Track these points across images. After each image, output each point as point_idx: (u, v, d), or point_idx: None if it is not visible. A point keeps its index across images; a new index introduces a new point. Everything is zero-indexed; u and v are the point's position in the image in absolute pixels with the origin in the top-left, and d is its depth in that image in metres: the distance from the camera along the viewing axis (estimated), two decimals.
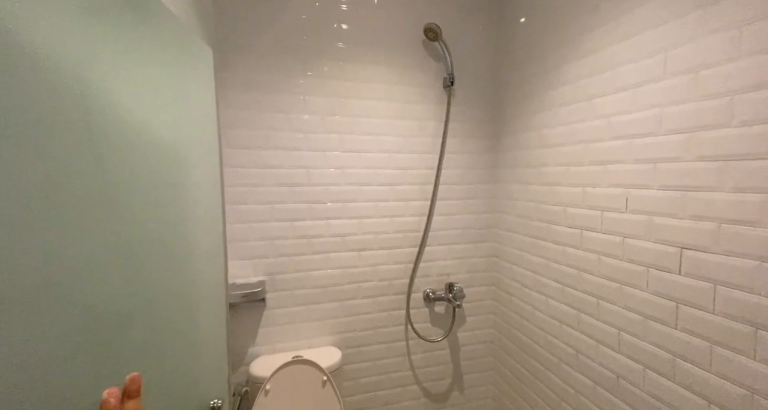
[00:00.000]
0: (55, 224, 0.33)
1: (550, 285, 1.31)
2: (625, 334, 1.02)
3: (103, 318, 0.40)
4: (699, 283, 0.83)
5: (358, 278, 1.49)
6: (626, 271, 1.01)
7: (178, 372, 0.55)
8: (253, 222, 1.34)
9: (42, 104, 0.31)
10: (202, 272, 0.64)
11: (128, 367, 0.44)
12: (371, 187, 1.48)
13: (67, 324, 0.34)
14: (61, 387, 0.33)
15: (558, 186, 1.27)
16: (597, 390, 1.12)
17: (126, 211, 0.44)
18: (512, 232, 1.54)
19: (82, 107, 0.37)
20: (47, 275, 0.32)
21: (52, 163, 0.32)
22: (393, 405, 1.55)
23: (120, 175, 0.43)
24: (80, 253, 0.36)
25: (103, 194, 0.40)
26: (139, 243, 0.47)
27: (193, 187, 0.57)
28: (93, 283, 0.38)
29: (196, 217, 0.58)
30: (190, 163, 0.56)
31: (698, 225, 0.83)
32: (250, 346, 1.36)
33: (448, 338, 1.63)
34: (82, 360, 0.36)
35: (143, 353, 0.47)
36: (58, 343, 0.33)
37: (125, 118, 0.43)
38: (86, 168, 0.37)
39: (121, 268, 0.43)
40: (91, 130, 0.37)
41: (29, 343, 0.29)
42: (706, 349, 0.82)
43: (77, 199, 0.36)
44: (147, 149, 0.48)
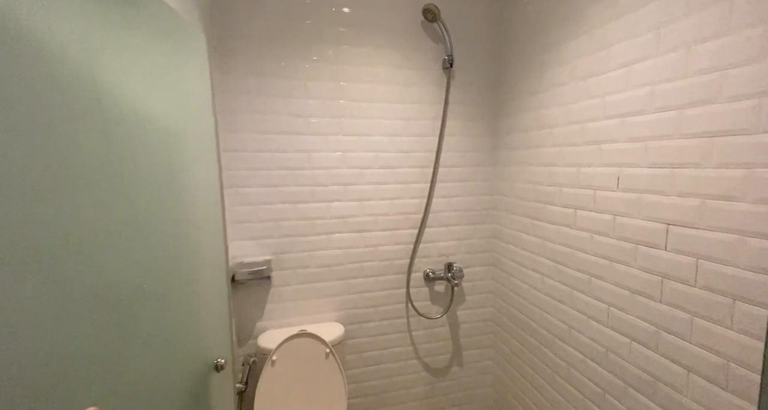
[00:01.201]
0: (77, 196, 0.38)
1: (545, 264, 1.34)
2: (614, 309, 1.05)
3: (120, 288, 0.45)
4: (683, 258, 0.85)
5: (359, 258, 1.55)
6: (616, 249, 1.03)
7: (186, 336, 0.62)
8: (258, 204, 1.41)
9: (60, 91, 0.35)
10: (203, 246, 0.70)
11: (142, 331, 0.50)
12: (371, 170, 1.51)
13: (89, 290, 0.40)
14: (82, 347, 0.38)
15: (554, 166, 1.28)
16: (587, 363, 1.16)
17: (135, 187, 0.50)
18: (510, 213, 1.56)
19: (93, 92, 0.41)
20: (70, 243, 0.37)
21: (68, 141, 0.37)
22: (395, 378, 1.63)
23: (127, 153, 0.48)
24: (95, 223, 0.41)
25: (114, 171, 0.45)
26: (148, 218, 0.53)
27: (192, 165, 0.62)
28: (110, 254, 0.43)
29: (195, 193, 0.63)
30: (188, 144, 0.61)
31: (684, 202, 0.84)
32: (258, 321, 1.45)
33: (448, 316, 1.69)
34: (100, 323, 0.42)
35: (155, 318, 0.53)
36: (81, 305, 0.38)
37: (130, 102, 0.48)
38: (97, 147, 0.42)
39: (134, 241, 0.49)
40: (103, 109, 0.42)
41: (56, 304, 0.34)
42: (688, 321, 0.84)
43: (91, 174, 0.41)
44: (150, 130, 0.53)
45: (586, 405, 1.17)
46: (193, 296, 0.61)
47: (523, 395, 1.52)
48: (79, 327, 0.38)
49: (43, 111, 0.33)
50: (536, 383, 1.42)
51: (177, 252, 0.57)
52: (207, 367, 0.66)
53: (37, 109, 0.33)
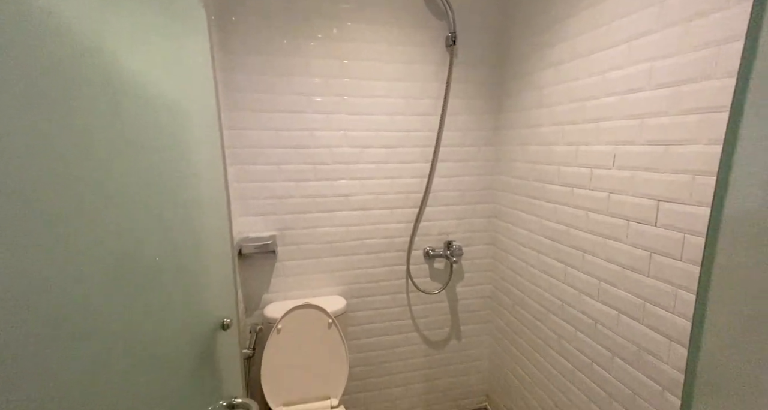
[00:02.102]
0: (94, 170, 0.41)
1: (542, 242, 1.38)
2: (605, 284, 1.09)
3: (135, 260, 0.49)
4: (672, 233, 0.87)
5: (360, 235, 1.60)
6: (610, 225, 1.06)
7: (195, 299, 0.67)
8: (263, 181, 1.45)
9: (68, 64, 0.38)
10: (209, 216, 0.74)
11: (156, 298, 0.54)
12: (373, 149, 1.54)
13: (108, 261, 0.43)
14: (98, 314, 0.41)
15: (554, 145, 1.29)
16: (577, 335, 1.21)
17: (146, 163, 0.53)
18: (510, 193, 1.58)
19: (101, 66, 0.44)
20: (83, 215, 0.40)
21: (78, 113, 0.40)
22: (395, 349, 1.71)
23: (135, 128, 0.51)
24: (110, 198, 0.44)
25: (125, 147, 0.48)
26: (159, 192, 0.56)
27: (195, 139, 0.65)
28: (124, 227, 0.46)
29: (200, 164, 0.67)
30: (191, 119, 0.64)
31: (676, 179, 0.86)
32: (264, 293, 1.52)
33: (447, 292, 1.75)
34: (119, 292, 0.45)
35: (168, 285, 0.57)
36: (102, 275, 0.42)
37: (135, 75, 0.51)
38: (108, 122, 0.45)
39: (146, 213, 0.52)
40: (110, 83, 0.45)
41: (73, 279, 0.37)
42: (672, 293, 0.88)
43: (104, 149, 0.43)
44: (155, 105, 0.56)
45: (576, 375, 1.23)
46: (201, 263, 0.66)
47: (517, 366, 1.59)
48: (101, 295, 0.42)
49: (53, 83, 0.36)
50: (529, 355, 1.49)
51: (185, 224, 0.62)
52: (215, 326, 0.72)
53: (58, 80, 0.36)
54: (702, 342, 0.70)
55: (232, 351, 0.79)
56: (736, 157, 0.61)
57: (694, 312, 0.72)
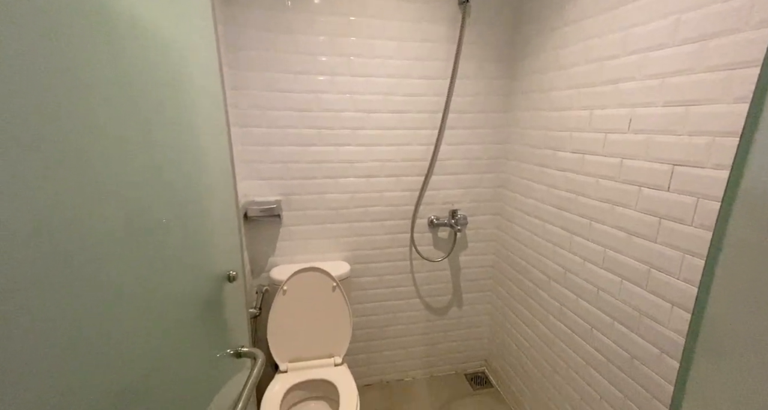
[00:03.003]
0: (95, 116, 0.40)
1: (549, 211, 1.36)
2: (610, 251, 1.08)
3: (145, 221, 0.49)
4: (684, 198, 0.85)
5: (365, 203, 1.59)
6: (620, 192, 1.03)
7: (203, 253, 0.68)
8: (268, 145, 1.43)
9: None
10: (213, 174, 0.74)
11: (166, 256, 0.55)
12: (379, 114, 1.50)
13: (119, 222, 0.43)
14: (112, 267, 0.42)
15: (567, 110, 1.24)
16: (579, 302, 1.22)
17: (148, 114, 0.51)
18: (519, 161, 1.55)
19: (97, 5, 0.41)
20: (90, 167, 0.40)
21: (76, 49, 0.38)
22: (397, 314, 1.76)
23: (135, 70, 0.49)
24: (113, 154, 0.43)
25: (126, 92, 0.46)
26: (164, 150, 0.54)
27: (195, 89, 0.63)
28: (130, 189, 0.46)
29: (200, 119, 0.65)
30: (190, 68, 0.62)
31: (694, 141, 0.82)
32: (270, 256, 1.55)
33: (450, 261, 1.76)
34: (132, 253, 0.46)
35: (176, 243, 0.58)
36: (116, 238, 0.43)
37: (133, 14, 0.48)
38: (106, 59, 0.43)
39: (152, 175, 0.51)
40: (106, 14, 0.43)
41: (78, 239, 0.37)
42: (679, 259, 0.87)
43: (96, 87, 0.42)
44: (154, 45, 0.53)
45: (574, 339, 1.25)
46: (207, 219, 0.67)
47: (516, 332, 1.62)
48: (115, 256, 0.43)
49: (47, 19, 0.34)
50: (529, 321, 1.51)
51: (190, 183, 0.61)
52: (221, 278, 0.73)
53: (42, 18, 0.33)
54: (707, 304, 0.70)
55: (238, 303, 0.81)
56: (765, 115, 0.58)
57: (703, 275, 0.72)
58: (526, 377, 1.55)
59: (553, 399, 1.38)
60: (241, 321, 0.83)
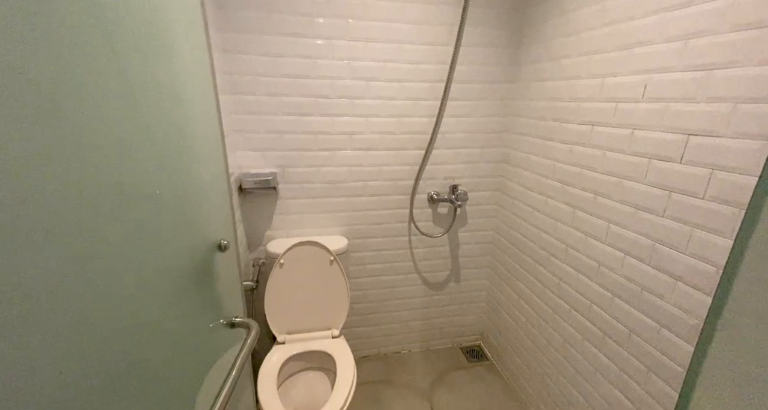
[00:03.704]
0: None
1: (552, 186, 1.32)
2: (614, 226, 1.05)
3: (138, 194, 0.47)
4: (697, 170, 0.81)
5: (364, 177, 1.55)
6: (629, 165, 0.99)
7: (193, 222, 0.64)
8: (262, 114, 1.37)
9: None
10: (201, 142, 0.69)
11: (160, 226, 0.53)
12: (379, 82, 1.42)
13: (112, 196, 0.41)
14: (102, 236, 0.40)
15: (577, 79, 1.18)
16: (579, 278, 1.21)
17: (137, 87, 0.47)
18: (523, 135, 1.49)
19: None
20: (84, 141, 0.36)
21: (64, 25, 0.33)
22: (394, 288, 1.76)
23: (122, 45, 0.44)
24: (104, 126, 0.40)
25: (115, 65, 0.43)
26: (151, 123, 0.51)
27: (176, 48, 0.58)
28: (123, 161, 0.44)
29: (183, 77, 0.60)
30: (171, 23, 0.56)
31: (713, 108, 0.77)
32: (267, 230, 1.52)
33: (449, 237, 1.74)
34: (127, 225, 0.44)
35: (168, 214, 0.55)
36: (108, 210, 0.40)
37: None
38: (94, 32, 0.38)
39: (142, 147, 0.48)
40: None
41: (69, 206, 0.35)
42: (687, 233, 0.84)
43: (84, 52, 0.37)
44: (137, 15, 0.48)
45: (572, 314, 1.25)
46: (195, 186, 0.63)
47: (513, 307, 1.63)
48: (109, 229, 0.42)
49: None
50: (526, 297, 1.51)
51: (176, 147, 0.58)
52: (212, 247, 0.70)
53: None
54: (734, 284, 0.68)
55: (231, 273, 0.78)
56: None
57: (732, 250, 0.70)
58: (522, 350, 1.57)
59: (548, 371, 1.40)
60: (235, 292, 0.81)
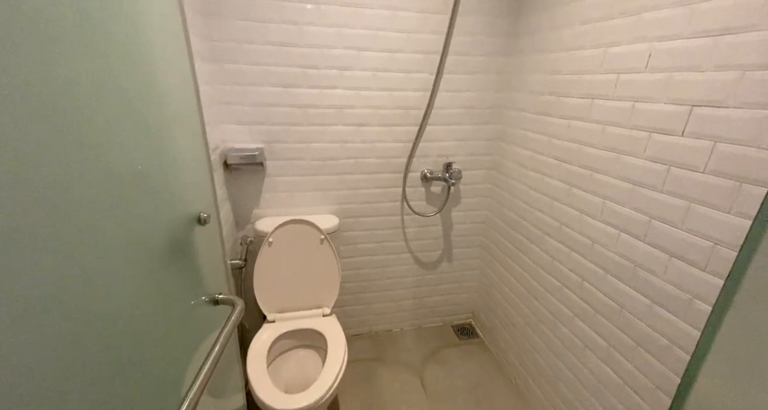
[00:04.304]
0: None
1: (548, 163, 1.29)
2: (610, 202, 1.03)
3: (120, 171, 0.44)
4: (699, 143, 0.78)
5: (356, 154, 1.50)
6: (628, 139, 0.96)
7: (171, 195, 0.60)
8: (246, 85, 1.29)
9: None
10: (177, 110, 0.63)
11: (140, 200, 0.50)
12: (370, 52, 1.35)
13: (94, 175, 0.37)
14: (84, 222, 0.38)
15: (579, 50, 1.12)
16: (571, 256, 1.20)
17: (111, 55, 0.43)
18: (519, 111, 1.45)
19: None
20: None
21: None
22: (386, 268, 1.75)
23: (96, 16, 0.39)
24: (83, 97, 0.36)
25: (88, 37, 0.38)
26: (127, 96, 0.47)
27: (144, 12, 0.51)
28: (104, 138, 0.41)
29: (151, 36, 0.54)
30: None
31: (719, 77, 0.74)
32: (255, 208, 1.48)
33: (442, 217, 1.72)
34: (108, 201, 0.42)
35: (148, 190, 0.53)
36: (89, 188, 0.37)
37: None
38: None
39: (122, 122, 0.45)
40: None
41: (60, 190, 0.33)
42: (684, 208, 0.82)
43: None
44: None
45: (563, 292, 1.25)
46: (169, 154, 0.59)
47: (504, 286, 1.63)
48: (90, 205, 0.40)
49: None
50: (518, 275, 1.51)
51: (157, 124, 0.55)
52: (191, 219, 0.66)
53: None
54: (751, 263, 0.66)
55: (213, 248, 0.75)
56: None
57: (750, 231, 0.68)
58: (512, 328, 1.59)
59: (537, 348, 1.41)
60: (218, 269, 0.77)
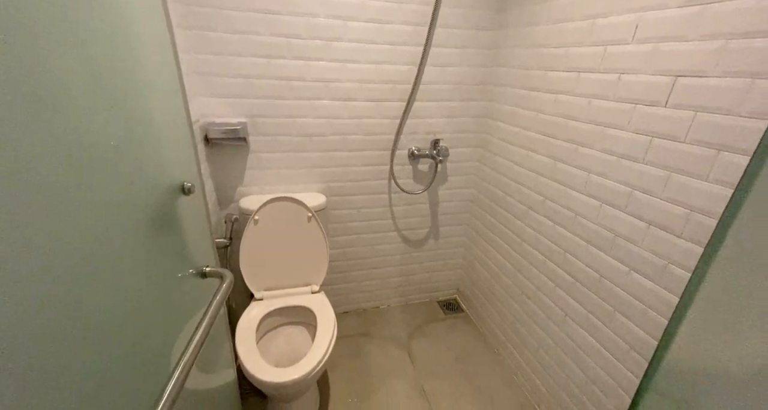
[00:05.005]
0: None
1: (534, 138, 1.30)
2: (594, 176, 1.06)
3: (97, 144, 0.41)
4: (681, 113, 0.81)
5: (343, 130, 1.47)
6: (613, 112, 0.98)
7: (151, 164, 0.57)
8: (226, 54, 1.23)
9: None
10: (153, 76, 0.60)
11: (120, 172, 0.48)
12: (357, 23, 1.30)
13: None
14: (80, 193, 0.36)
15: (566, 22, 1.12)
16: (555, 229, 1.23)
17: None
18: (507, 87, 1.44)
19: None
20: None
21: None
22: (374, 246, 1.75)
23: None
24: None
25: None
26: (100, 68, 0.44)
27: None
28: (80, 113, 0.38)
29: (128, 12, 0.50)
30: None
31: (704, 46, 0.75)
32: (239, 186, 1.44)
33: (429, 195, 1.73)
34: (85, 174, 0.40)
35: (127, 161, 0.50)
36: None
37: None
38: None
39: (94, 94, 0.42)
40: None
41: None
42: (664, 178, 0.85)
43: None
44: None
45: (547, 264, 1.29)
46: (148, 122, 0.55)
47: (489, 261, 1.67)
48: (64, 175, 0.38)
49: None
50: (503, 250, 1.55)
51: (131, 89, 0.51)
52: (175, 189, 0.64)
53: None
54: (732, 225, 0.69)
55: (198, 220, 0.72)
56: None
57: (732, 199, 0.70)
58: (495, 301, 1.64)
59: (520, 318, 1.47)
60: (205, 241, 0.75)
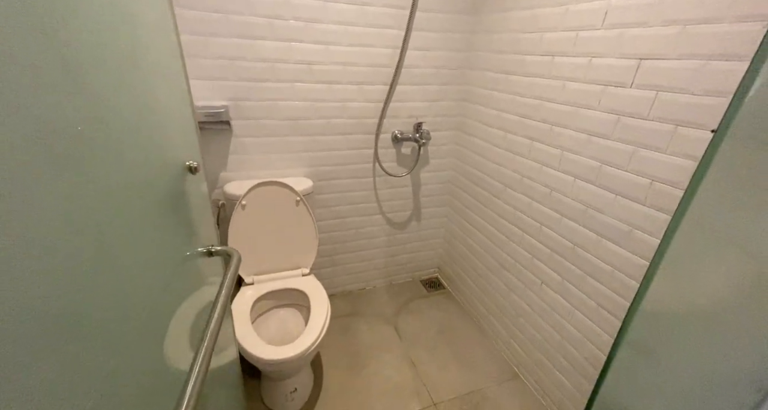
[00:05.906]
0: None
1: (511, 120, 1.38)
2: (568, 153, 1.15)
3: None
4: (645, 93, 0.90)
5: (327, 113, 1.47)
6: (585, 93, 1.06)
7: (152, 140, 0.56)
8: (207, 35, 1.19)
9: None
10: (153, 46, 0.58)
11: (127, 152, 0.47)
12: (339, 4, 1.30)
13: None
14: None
15: (540, 8, 1.18)
16: (532, 205, 1.33)
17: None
18: (484, 70, 1.51)
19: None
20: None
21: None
22: (359, 229, 1.79)
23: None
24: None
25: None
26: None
27: None
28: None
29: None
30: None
31: (664, 31, 0.84)
32: (223, 171, 1.41)
33: (412, 178, 1.78)
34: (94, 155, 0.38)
35: (133, 140, 0.48)
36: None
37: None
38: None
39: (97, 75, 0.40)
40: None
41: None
42: (630, 152, 0.95)
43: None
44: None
45: (524, 238, 1.39)
46: (154, 99, 0.54)
47: (468, 238, 1.76)
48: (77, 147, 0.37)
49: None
50: (482, 228, 1.64)
51: (143, 76, 0.51)
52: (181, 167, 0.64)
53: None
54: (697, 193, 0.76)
55: (203, 199, 0.73)
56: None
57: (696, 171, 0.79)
58: (475, 276, 1.74)
59: (498, 290, 1.58)
60: (208, 221, 0.76)
